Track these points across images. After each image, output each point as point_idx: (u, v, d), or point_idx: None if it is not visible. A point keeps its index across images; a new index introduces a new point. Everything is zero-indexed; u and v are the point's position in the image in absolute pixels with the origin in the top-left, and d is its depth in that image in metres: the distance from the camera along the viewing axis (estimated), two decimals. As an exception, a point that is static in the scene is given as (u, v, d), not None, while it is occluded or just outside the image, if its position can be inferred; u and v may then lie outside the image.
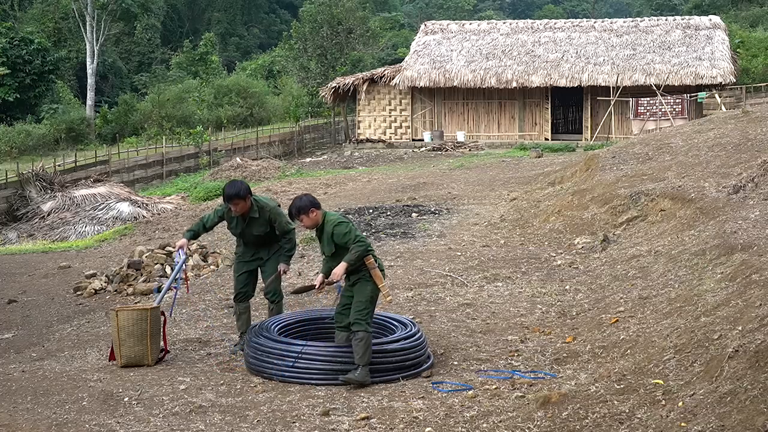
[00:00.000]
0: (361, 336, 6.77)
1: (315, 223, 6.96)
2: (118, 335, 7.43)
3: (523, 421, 5.51)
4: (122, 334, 7.42)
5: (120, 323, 7.43)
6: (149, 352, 7.49)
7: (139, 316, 7.53)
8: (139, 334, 7.44)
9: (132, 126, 45.99)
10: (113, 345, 7.57)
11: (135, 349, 7.44)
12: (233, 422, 6.00)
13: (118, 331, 7.43)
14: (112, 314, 7.61)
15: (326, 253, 7.01)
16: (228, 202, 7.63)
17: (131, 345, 7.43)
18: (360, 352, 6.75)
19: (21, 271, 14.69)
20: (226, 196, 7.64)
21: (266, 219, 7.74)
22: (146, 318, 7.53)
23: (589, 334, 7.40)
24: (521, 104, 33.42)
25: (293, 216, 7.02)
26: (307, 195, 7.08)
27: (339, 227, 6.87)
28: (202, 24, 71.24)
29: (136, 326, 7.46)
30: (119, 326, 7.43)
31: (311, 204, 6.94)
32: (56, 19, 55.37)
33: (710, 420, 4.57)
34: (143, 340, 7.45)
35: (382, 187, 19.93)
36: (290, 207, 7.01)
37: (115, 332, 7.47)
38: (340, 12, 49.27)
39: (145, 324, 7.49)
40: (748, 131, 14.43)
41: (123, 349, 7.42)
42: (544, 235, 12.38)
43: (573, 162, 18.42)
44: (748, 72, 39.75)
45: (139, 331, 7.45)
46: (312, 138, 40.92)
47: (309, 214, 6.92)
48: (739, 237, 8.28)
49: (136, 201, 24.38)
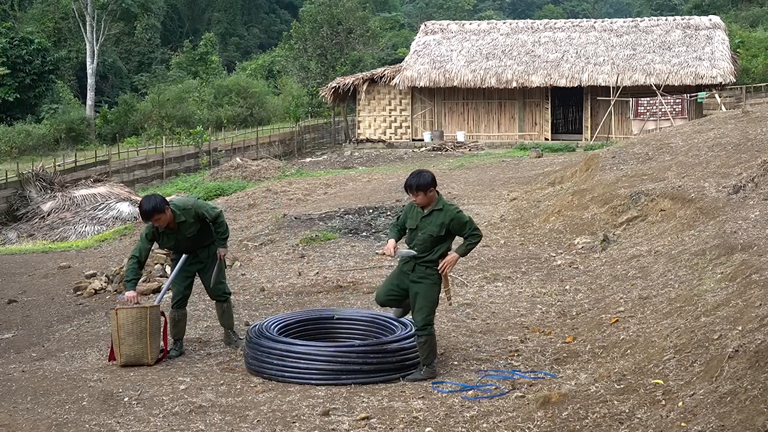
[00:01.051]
0: (424, 340, 6.83)
1: (429, 201, 6.79)
2: (118, 334, 7.40)
3: (523, 421, 5.51)
4: (122, 333, 7.39)
5: (119, 322, 7.41)
6: (149, 351, 7.46)
7: (139, 314, 7.49)
8: (138, 333, 7.42)
9: (132, 126, 45.99)
10: (113, 344, 7.55)
11: (134, 347, 7.42)
12: (233, 422, 6.00)
13: (118, 329, 7.41)
14: (112, 313, 7.58)
15: (431, 232, 6.74)
16: (149, 219, 7.56)
17: (131, 344, 7.41)
18: (425, 354, 6.85)
19: (21, 271, 14.70)
20: (145, 214, 7.54)
21: (192, 217, 7.73)
22: (146, 316, 7.50)
23: (589, 334, 7.40)
24: (521, 104, 33.42)
25: (413, 189, 6.76)
26: (429, 171, 6.88)
27: (461, 215, 6.77)
28: (202, 24, 71.24)
29: (135, 324, 7.42)
30: (119, 325, 7.40)
31: (432, 182, 6.78)
32: (56, 19, 55.39)
33: (710, 420, 4.57)
34: (143, 339, 7.43)
35: (382, 187, 19.93)
36: (409, 179, 6.77)
37: (115, 331, 7.45)
38: (340, 12, 49.28)
39: (144, 322, 7.46)
40: (748, 131, 14.43)
41: (122, 348, 7.40)
42: (544, 235, 12.38)
43: (573, 162, 18.42)
44: (748, 72, 39.75)
45: (138, 330, 7.42)
46: (312, 138, 40.93)
47: (427, 192, 6.76)
48: (739, 237, 8.28)
49: (136, 201, 24.37)
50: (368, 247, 12.87)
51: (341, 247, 12.92)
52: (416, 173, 6.84)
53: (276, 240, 14.12)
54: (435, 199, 6.81)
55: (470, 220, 6.84)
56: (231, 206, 20.40)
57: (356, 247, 12.88)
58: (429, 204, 6.80)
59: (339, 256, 12.28)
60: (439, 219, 6.77)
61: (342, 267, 11.51)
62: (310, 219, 15.53)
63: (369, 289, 10.00)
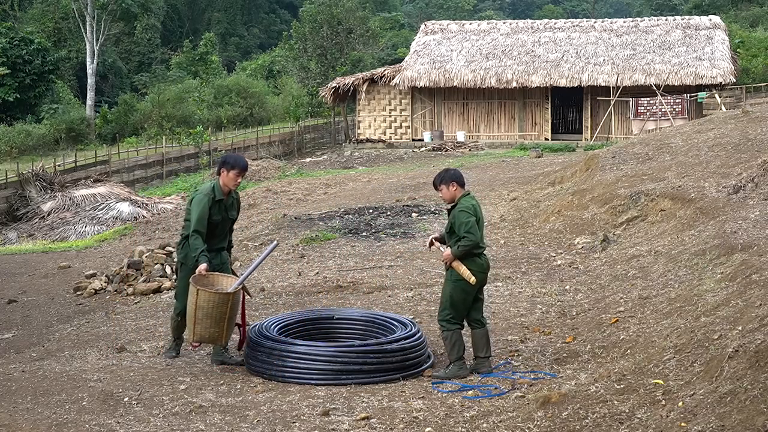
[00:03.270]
0: (444, 335, 6.92)
1: (451, 197, 6.95)
2: (195, 313, 7.11)
3: (523, 421, 5.51)
4: (199, 314, 7.09)
5: (198, 302, 7.08)
6: (224, 335, 7.22)
7: (220, 300, 7.13)
8: (216, 317, 7.12)
9: (132, 126, 45.99)
10: (187, 316, 7.29)
11: (210, 330, 7.15)
12: (233, 422, 6.00)
13: (196, 309, 7.10)
14: (192, 289, 7.16)
15: (445, 229, 7.05)
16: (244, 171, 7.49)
17: (207, 326, 7.13)
18: (448, 349, 6.93)
19: (21, 271, 14.70)
20: (245, 166, 7.50)
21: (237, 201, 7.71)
22: (226, 302, 7.15)
23: (589, 334, 7.40)
24: (521, 104, 33.42)
25: (436, 183, 7.03)
26: (456, 169, 7.12)
27: (462, 214, 6.86)
28: (202, 24, 71.23)
29: (215, 309, 7.10)
30: (197, 305, 7.08)
31: (454, 178, 6.97)
32: (56, 19, 55.36)
33: (710, 420, 4.57)
34: (220, 323, 7.14)
35: (382, 187, 19.93)
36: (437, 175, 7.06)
37: (192, 309, 7.14)
38: (340, 12, 49.26)
39: (225, 308, 7.14)
40: (748, 131, 14.43)
41: (197, 328, 7.14)
42: (544, 235, 12.38)
43: (573, 162, 18.42)
44: (748, 72, 39.74)
45: (217, 314, 7.12)
46: (312, 138, 40.93)
47: (449, 186, 6.94)
48: (739, 237, 8.28)
49: (136, 201, 24.39)
50: (368, 247, 12.87)
51: (341, 247, 12.92)
52: (443, 171, 7.11)
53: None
54: (457, 197, 6.95)
55: (466, 223, 6.79)
56: (231, 206, 20.38)
57: (356, 247, 12.88)
58: (452, 201, 6.97)
59: (339, 256, 12.28)
60: (451, 216, 6.96)
61: (342, 267, 11.50)
62: (310, 219, 15.53)
63: (369, 289, 10.00)
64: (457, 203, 6.91)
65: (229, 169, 7.38)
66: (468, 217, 6.85)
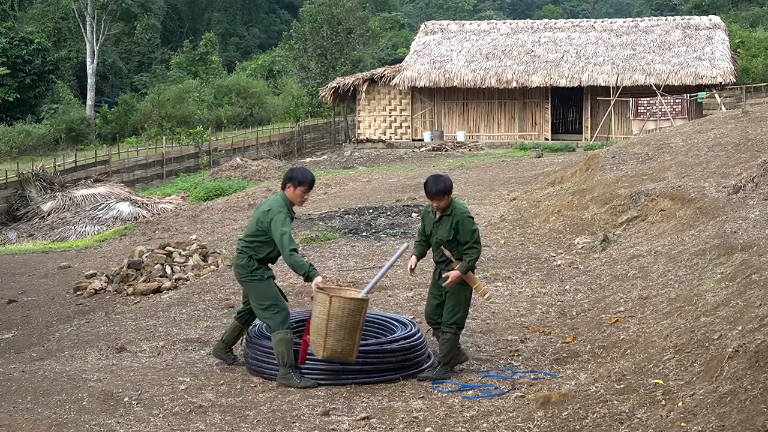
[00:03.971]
0: (449, 338, 6.83)
1: (446, 205, 6.81)
2: (327, 324, 6.48)
3: (523, 421, 5.51)
4: (332, 324, 6.46)
5: (332, 311, 6.48)
6: (355, 348, 6.61)
7: (356, 306, 6.58)
8: (350, 327, 6.52)
9: (132, 126, 46.00)
10: (312, 335, 6.62)
11: (344, 343, 6.52)
12: (233, 422, 6.00)
13: (329, 319, 6.47)
14: (323, 298, 6.57)
15: (441, 237, 6.75)
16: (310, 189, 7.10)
17: (340, 338, 6.49)
18: (445, 352, 6.84)
19: (21, 271, 14.70)
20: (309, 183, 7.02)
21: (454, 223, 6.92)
22: (361, 310, 6.62)
23: (589, 334, 7.40)
24: (521, 104, 33.43)
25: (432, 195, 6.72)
26: (446, 176, 6.88)
27: (468, 222, 6.77)
28: (202, 24, 71.24)
29: (350, 318, 6.50)
30: (330, 314, 6.48)
31: (451, 187, 6.84)
32: (56, 19, 55.38)
33: (710, 420, 4.57)
34: (353, 335, 6.54)
35: (382, 187, 19.93)
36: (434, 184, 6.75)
37: (324, 320, 6.50)
38: (340, 12, 49.27)
39: (359, 316, 6.60)
40: (748, 131, 14.43)
41: (329, 341, 6.49)
42: (544, 235, 12.38)
43: (573, 162, 18.42)
44: (748, 72, 39.76)
45: (351, 324, 6.52)
46: (312, 138, 40.93)
47: (448, 196, 6.80)
48: (739, 237, 8.28)
49: (136, 201, 24.40)
50: (368, 247, 12.87)
51: (341, 247, 12.92)
52: (435, 178, 6.82)
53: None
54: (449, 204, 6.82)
55: (474, 231, 6.78)
56: (231, 206, 20.40)
57: (356, 247, 12.88)
58: (445, 209, 6.82)
59: (339, 256, 12.28)
60: (448, 223, 6.78)
61: (342, 267, 11.50)
62: (310, 219, 15.53)
63: (369, 289, 10.00)
64: (453, 209, 6.79)
65: (297, 185, 6.97)
66: (474, 224, 6.83)
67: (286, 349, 6.79)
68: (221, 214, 19.58)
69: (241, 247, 7.07)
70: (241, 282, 7.11)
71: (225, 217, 19.19)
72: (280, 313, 6.87)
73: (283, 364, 6.78)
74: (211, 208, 20.78)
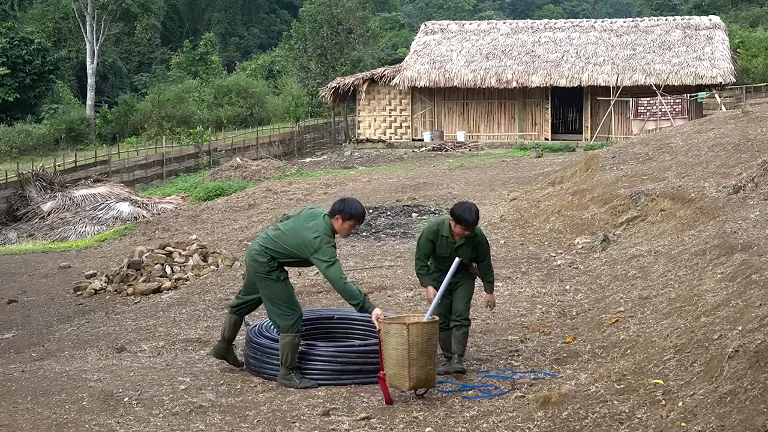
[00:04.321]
0: (466, 331, 6.98)
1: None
2: (409, 354, 6.17)
3: (523, 421, 5.51)
4: (414, 352, 6.17)
5: (412, 339, 6.18)
6: (435, 372, 6.38)
7: (432, 329, 6.35)
8: (430, 352, 6.30)
9: (132, 126, 46.00)
10: (391, 369, 6.27)
11: (426, 369, 6.24)
12: (233, 422, 6.00)
13: (409, 348, 6.17)
14: (398, 328, 6.26)
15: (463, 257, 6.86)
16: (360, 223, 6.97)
17: (423, 364, 6.21)
18: (463, 344, 6.96)
19: (21, 271, 14.70)
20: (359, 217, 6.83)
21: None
22: (436, 332, 6.45)
23: (589, 334, 7.40)
24: (521, 104, 33.43)
25: (468, 225, 6.71)
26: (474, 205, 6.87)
27: (486, 242, 7.06)
28: (202, 24, 71.24)
29: (428, 343, 6.27)
30: (411, 343, 6.18)
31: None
32: (56, 19, 55.39)
33: (710, 420, 4.57)
34: (432, 358, 6.31)
35: (382, 187, 19.93)
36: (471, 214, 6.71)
37: (404, 350, 6.19)
38: (340, 12, 49.27)
39: (435, 339, 6.43)
40: (748, 131, 14.43)
41: (413, 370, 6.18)
42: (544, 235, 12.38)
43: (573, 162, 18.42)
44: (748, 72, 39.76)
45: (430, 348, 6.30)
46: (312, 138, 40.93)
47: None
48: (739, 237, 8.28)
49: (136, 201, 24.40)
50: (368, 247, 12.87)
51: (341, 247, 12.91)
52: (468, 208, 6.77)
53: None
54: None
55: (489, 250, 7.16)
56: (231, 206, 20.40)
57: (356, 247, 12.88)
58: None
59: (339, 256, 12.25)
60: (470, 245, 6.95)
61: (341, 267, 11.48)
62: (310, 219, 15.50)
63: (369, 288, 10.00)
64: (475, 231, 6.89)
65: (347, 218, 6.71)
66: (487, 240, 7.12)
67: (292, 353, 6.75)
68: (221, 214, 19.59)
69: (265, 245, 6.81)
70: (255, 276, 6.91)
71: (225, 217, 19.20)
72: (292, 317, 6.80)
73: (284, 365, 6.77)
74: (211, 208, 20.78)
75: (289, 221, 7.00)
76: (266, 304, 6.94)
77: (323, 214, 6.83)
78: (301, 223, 6.81)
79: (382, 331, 6.36)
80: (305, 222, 6.79)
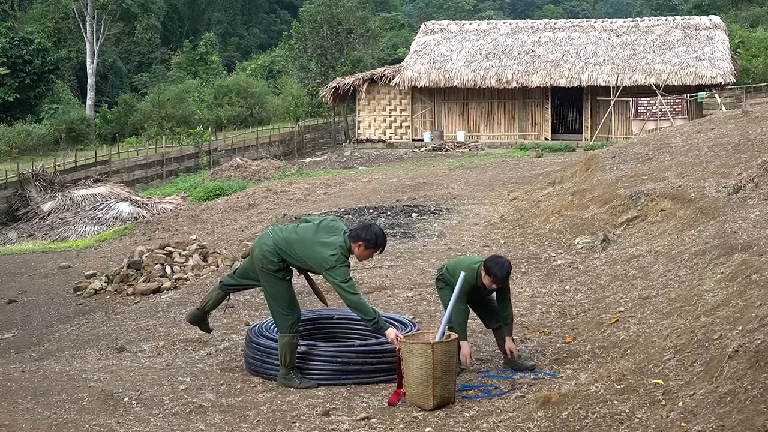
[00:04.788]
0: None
1: None
2: (434, 373, 6.17)
3: (523, 421, 5.51)
4: (438, 371, 6.19)
5: (437, 358, 6.20)
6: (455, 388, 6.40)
7: (454, 347, 6.46)
8: (452, 370, 6.35)
9: (132, 126, 46.02)
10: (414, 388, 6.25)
11: (449, 386, 6.28)
12: (233, 422, 6.00)
13: (434, 367, 6.18)
14: (422, 348, 6.24)
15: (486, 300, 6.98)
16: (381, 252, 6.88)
17: (446, 383, 6.25)
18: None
19: (21, 271, 14.70)
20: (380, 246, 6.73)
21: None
22: (456, 349, 6.53)
23: (589, 334, 7.39)
24: (521, 104, 33.43)
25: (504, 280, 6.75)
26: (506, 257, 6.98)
27: (508, 285, 7.01)
28: (202, 24, 71.25)
29: (450, 361, 6.31)
30: (435, 362, 6.19)
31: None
32: (56, 19, 55.41)
33: (710, 420, 4.57)
34: (453, 375, 6.36)
35: (382, 187, 19.92)
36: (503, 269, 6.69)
37: (429, 369, 6.17)
38: (340, 12, 49.29)
39: (455, 356, 6.50)
40: (748, 131, 14.43)
41: (437, 389, 6.18)
42: (544, 235, 12.37)
43: (573, 162, 18.42)
44: (748, 72, 39.77)
45: (452, 366, 6.36)
46: (312, 138, 40.94)
47: None
48: (739, 237, 8.28)
49: (136, 201, 24.41)
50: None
51: (341, 247, 12.89)
52: (501, 264, 6.69)
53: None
54: None
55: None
56: (231, 206, 20.40)
57: (356, 247, 12.85)
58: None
59: (339, 256, 12.25)
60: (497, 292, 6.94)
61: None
62: (310, 219, 15.50)
63: (369, 288, 10.00)
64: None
65: (369, 246, 6.64)
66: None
67: (290, 353, 6.76)
68: (221, 214, 19.59)
69: (278, 245, 6.77)
70: (260, 271, 6.87)
71: (225, 217, 19.20)
72: (290, 317, 6.83)
73: (284, 365, 6.78)
74: (211, 208, 20.79)
75: (308, 228, 6.84)
76: (268, 300, 6.99)
77: (344, 230, 6.75)
78: (320, 235, 6.73)
79: (404, 351, 6.34)
80: (324, 235, 6.72)
